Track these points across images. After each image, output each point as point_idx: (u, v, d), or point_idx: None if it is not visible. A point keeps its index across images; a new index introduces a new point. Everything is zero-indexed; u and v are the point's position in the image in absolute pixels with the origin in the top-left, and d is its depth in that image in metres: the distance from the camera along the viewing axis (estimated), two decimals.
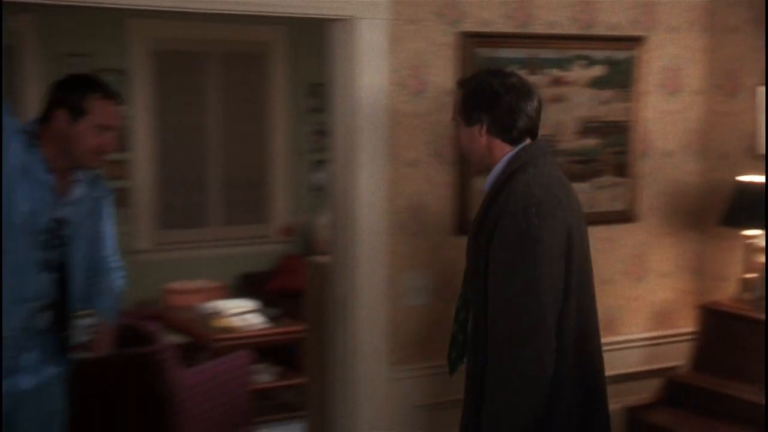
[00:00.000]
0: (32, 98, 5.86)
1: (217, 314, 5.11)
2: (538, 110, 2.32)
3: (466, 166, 3.16)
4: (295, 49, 6.49)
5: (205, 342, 4.94)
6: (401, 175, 3.11)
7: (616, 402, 2.73)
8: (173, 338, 4.92)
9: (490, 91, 2.28)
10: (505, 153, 2.28)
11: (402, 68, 3.08)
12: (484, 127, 2.29)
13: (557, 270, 2.15)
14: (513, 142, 2.29)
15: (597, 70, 3.42)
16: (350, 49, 2.99)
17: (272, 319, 5.16)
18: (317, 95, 6.16)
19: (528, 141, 2.31)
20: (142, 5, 2.78)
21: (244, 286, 6.26)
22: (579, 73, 3.39)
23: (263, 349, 5.07)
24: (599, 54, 3.41)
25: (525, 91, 2.30)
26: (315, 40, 3.59)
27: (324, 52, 3.13)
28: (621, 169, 3.52)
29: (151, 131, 6.25)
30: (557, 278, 2.15)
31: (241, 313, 5.12)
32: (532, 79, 3.22)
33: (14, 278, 2.48)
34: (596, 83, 3.42)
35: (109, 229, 2.76)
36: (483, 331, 2.23)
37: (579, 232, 2.25)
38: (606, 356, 2.40)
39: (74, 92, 2.55)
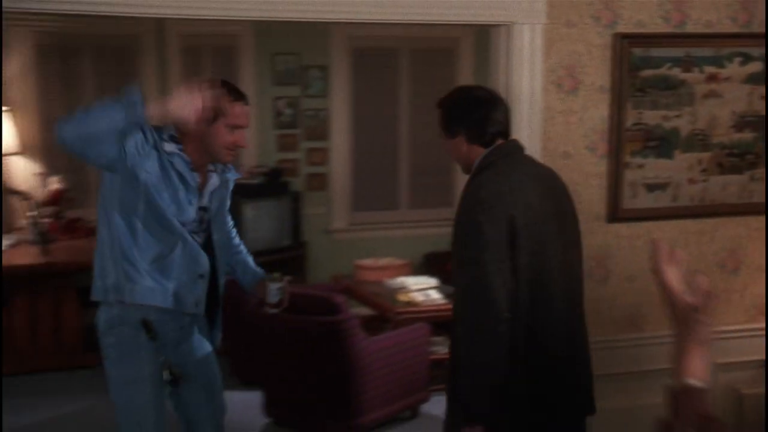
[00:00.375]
0: (247, 95, 6.60)
1: (401, 289, 5.52)
2: (506, 115, 2.74)
3: (617, 159, 3.42)
4: (481, 46, 6.81)
5: (389, 314, 5.41)
6: (555, 166, 3.35)
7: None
8: (361, 310, 5.45)
9: (462, 106, 2.73)
10: (480, 155, 2.68)
11: (558, 68, 3.36)
12: (463, 138, 2.69)
13: (501, 255, 2.46)
14: (486, 145, 2.67)
15: (754, 67, 3.53)
16: (510, 51, 3.31)
17: (449, 295, 5.54)
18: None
19: (500, 142, 2.69)
20: (343, 19, 3.29)
21: (428, 265, 6.56)
22: (735, 69, 3.52)
23: (441, 323, 5.46)
24: (756, 51, 3.52)
25: (492, 101, 2.72)
26: None
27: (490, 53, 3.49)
28: None
29: (348, 122, 6.79)
30: (502, 262, 2.46)
31: (423, 289, 5.50)
32: (686, 76, 3.44)
33: (191, 261, 2.83)
34: (753, 79, 3.54)
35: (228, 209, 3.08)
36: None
37: (532, 220, 2.55)
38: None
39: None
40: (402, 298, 5.44)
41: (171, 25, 6.27)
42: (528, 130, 3.33)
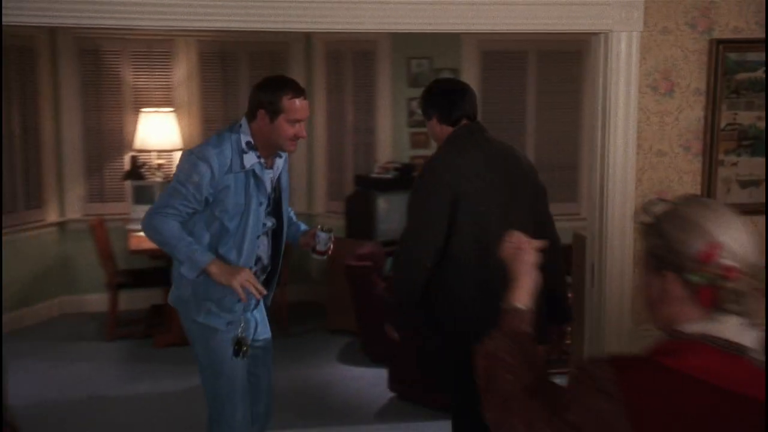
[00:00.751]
0: (384, 96, 7.13)
1: None
2: (471, 101, 3.39)
3: (711, 157, 3.68)
4: None
5: None
6: (650, 163, 3.69)
7: None
8: None
9: (435, 94, 3.41)
10: (448, 133, 3.32)
11: (653, 72, 3.64)
12: (436, 119, 3.35)
13: (433, 218, 3.18)
14: (453, 124, 3.33)
15: None
16: (608, 57, 3.61)
17: (570, 285, 5.84)
18: None
19: (464, 122, 3.33)
20: (474, 30, 3.67)
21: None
22: None
23: None
24: None
25: (458, 91, 3.40)
26: None
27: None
28: None
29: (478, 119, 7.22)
30: (437, 223, 3.17)
31: None
32: None
33: (250, 244, 3.20)
34: None
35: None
36: None
37: (479, 186, 3.19)
38: None
39: (271, 95, 3.11)
40: None
41: (317, 33, 6.87)
42: (623, 129, 3.63)
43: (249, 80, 7.04)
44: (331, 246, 3.39)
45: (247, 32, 5.60)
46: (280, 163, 3.31)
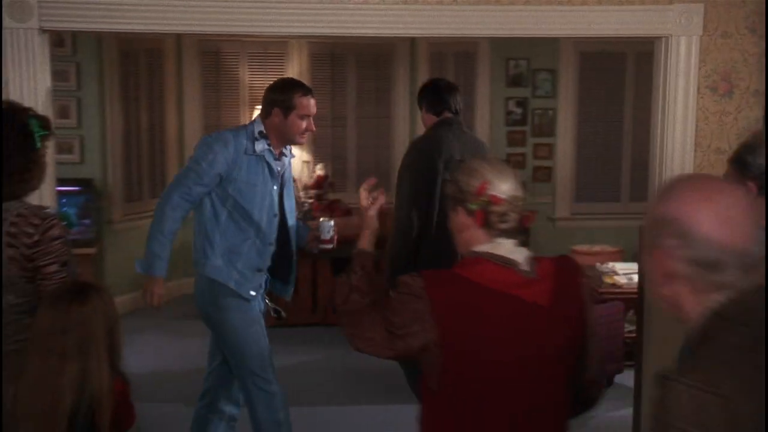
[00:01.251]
0: (482, 95, 7.42)
1: (609, 273, 6.04)
2: (455, 97, 4.18)
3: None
4: None
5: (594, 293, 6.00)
6: (708, 160, 3.86)
7: None
8: None
9: (427, 89, 4.28)
10: (433, 121, 4.16)
11: (713, 74, 3.81)
12: (424, 109, 4.22)
13: (417, 192, 3.98)
14: (437, 115, 4.17)
15: None
16: (668, 59, 3.81)
17: None
18: None
19: (446, 115, 4.13)
20: (544, 34, 3.97)
21: (639, 253, 7.01)
22: None
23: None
24: None
25: (445, 88, 4.20)
26: None
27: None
28: None
29: (574, 120, 7.41)
30: (418, 197, 3.97)
31: (628, 274, 6.00)
32: None
33: (256, 256, 3.58)
34: None
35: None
36: None
37: (451, 166, 3.77)
38: None
39: (284, 94, 3.52)
40: (608, 280, 5.94)
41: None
42: (682, 127, 3.82)
43: (356, 80, 7.49)
44: (335, 235, 3.67)
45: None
46: (286, 161, 3.69)
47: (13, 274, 2.49)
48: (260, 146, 3.55)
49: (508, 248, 2.07)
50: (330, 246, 3.69)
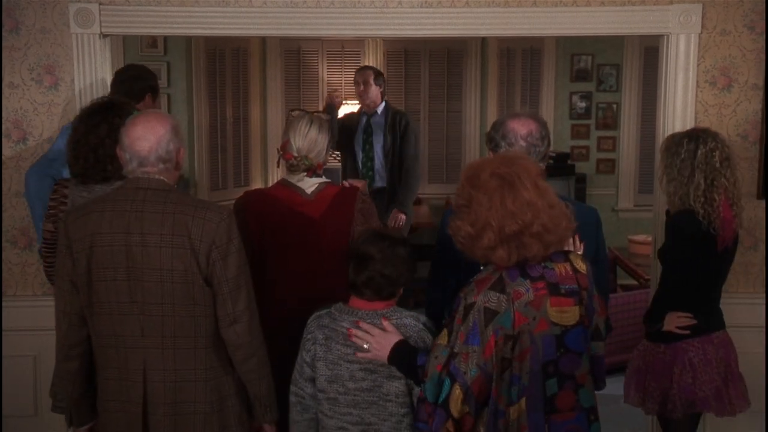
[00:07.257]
0: (548, 90, 7.68)
1: None
2: None
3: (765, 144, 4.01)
4: None
5: (640, 279, 6.20)
6: None
7: None
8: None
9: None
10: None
11: (711, 69, 4.02)
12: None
13: None
14: None
15: None
16: (668, 55, 4.06)
17: None
18: None
19: None
20: (548, 34, 4.18)
21: None
22: None
23: None
24: None
25: None
26: None
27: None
28: None
29: (637, 113, 7.57)
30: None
31: None
32: None
33: None
34: None
35: None
36: None
37: None
38: None
39: None
40: None
41: None
42: (681, 119, 4.06)
43: (429, 76, 7.90)
44: None
45: None
46: None
47: None
48: None
49: (299, 179, 3.22)
50: None
